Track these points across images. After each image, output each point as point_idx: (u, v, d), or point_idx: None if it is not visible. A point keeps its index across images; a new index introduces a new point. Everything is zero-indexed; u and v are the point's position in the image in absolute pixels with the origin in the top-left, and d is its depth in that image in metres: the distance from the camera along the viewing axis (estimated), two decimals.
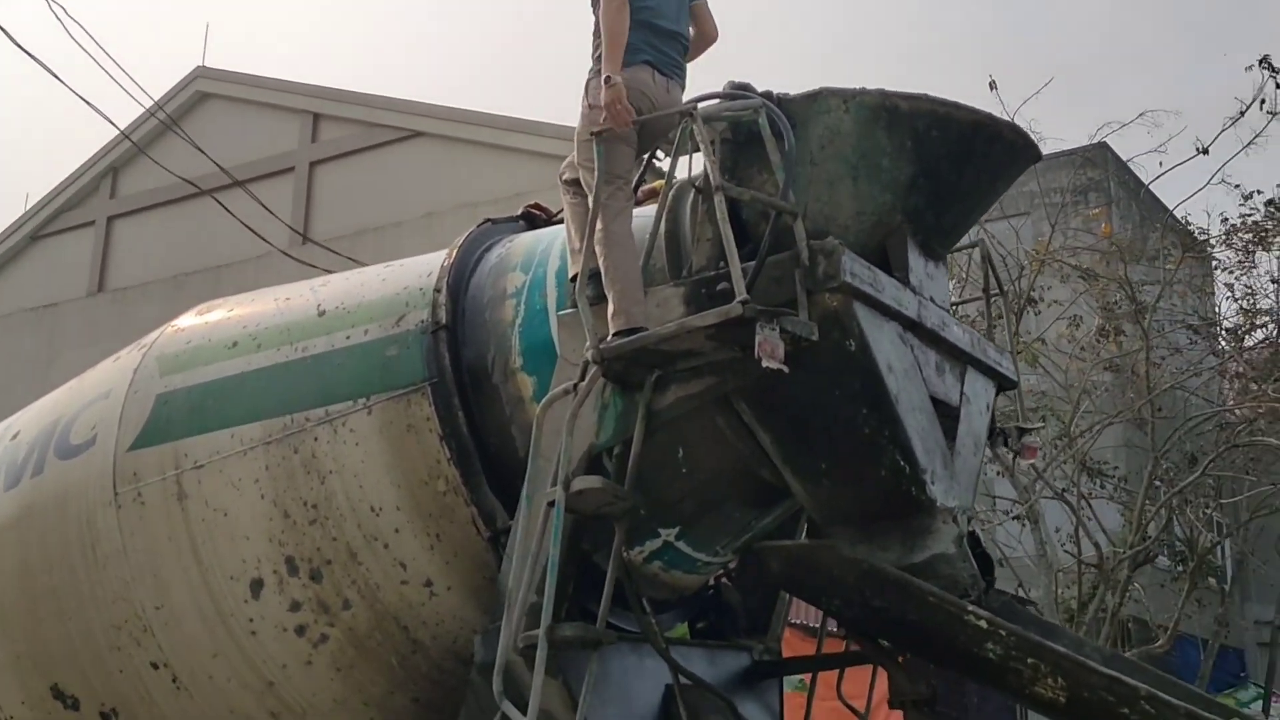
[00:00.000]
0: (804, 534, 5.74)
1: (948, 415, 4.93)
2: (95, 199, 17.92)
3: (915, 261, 4.83)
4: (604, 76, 4.75)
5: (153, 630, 5.37)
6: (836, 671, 5.84)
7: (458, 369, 5.13)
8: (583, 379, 4.54)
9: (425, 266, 5.53)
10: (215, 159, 13.14)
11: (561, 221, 5.28)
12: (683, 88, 5.07)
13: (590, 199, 4.70)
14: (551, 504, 4.47)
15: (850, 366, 4.46)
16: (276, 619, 5.18)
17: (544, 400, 4.64)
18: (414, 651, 5.21)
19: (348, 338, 5.37)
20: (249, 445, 5.32)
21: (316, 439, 5.21)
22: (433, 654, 5.22)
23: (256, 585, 5.21)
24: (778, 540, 5.37)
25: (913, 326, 4.74)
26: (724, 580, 5.99)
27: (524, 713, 4.34)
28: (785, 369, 4.17)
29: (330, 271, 8.03)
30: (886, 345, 4.55)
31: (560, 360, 4.83)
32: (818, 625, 7.02)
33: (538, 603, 4.53)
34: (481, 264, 5.45)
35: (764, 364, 4.13)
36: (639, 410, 4.58)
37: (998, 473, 14.43)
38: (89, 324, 16.83)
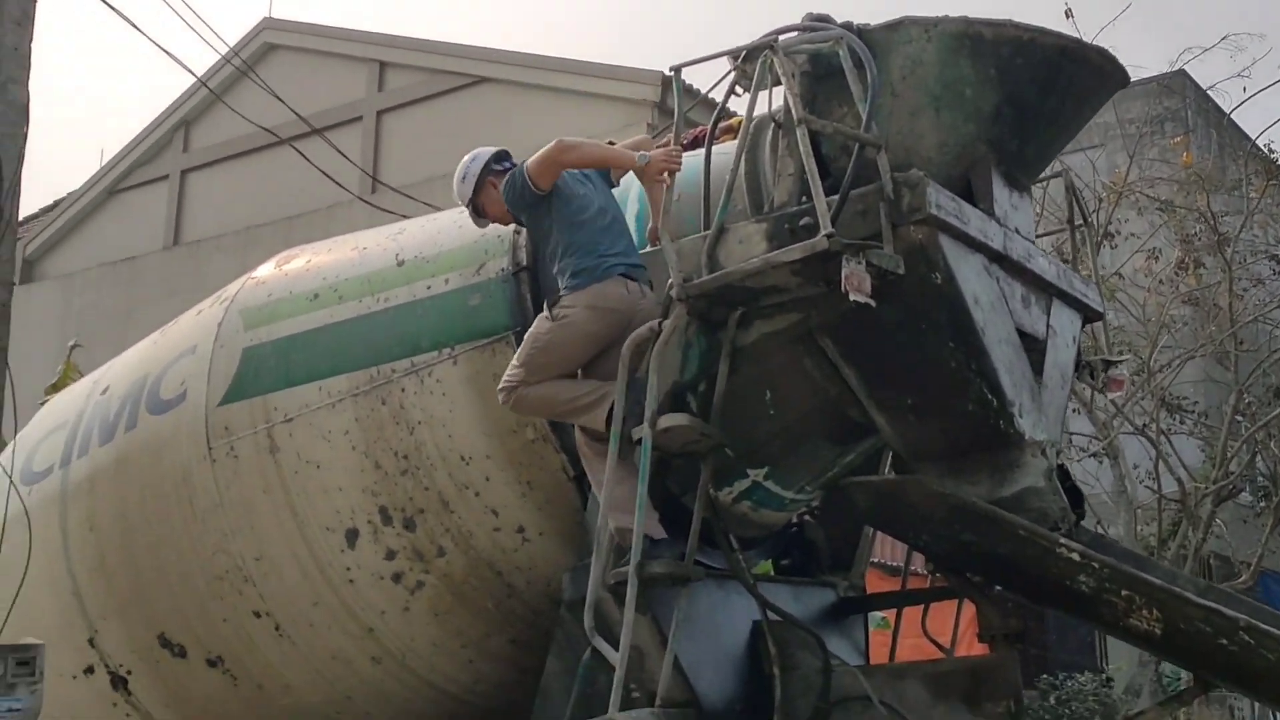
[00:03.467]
0: (888, 469, 5.75)
1: (1034, 348, 4.87)
2: (169, 153, 18.09)
3: (1000, 193, 4.76)
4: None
5: (253, 580, 5.49)
6: (921, 608, 5.86)
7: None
8: (666, 317, 4.54)
9: None
10: (285, 111, 13.17)
11: None
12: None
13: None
14: (638, 441, 4.49)
15: (936, 300, 4.42)
16: (373, 567, 5.27)
17: (629, 339, 4.64)
18: (509, 595, 5.29)
19: (428, 288, 5.41)
20: (337, 398, 5.39)
21: (404, 390, 5.27)
22: (527, 597, 5.29)
23: (352, 535, 5.30)
24: (863, 476, 5.35)
25: (998, 258, 4.68)
26: (806, 517, 5.99)
27: (614, 648, 4.41)
28: (872, 303, 4.14)
29: (404, 216, 8.08)
30: (972, 278, 4.50)
31: None
32: (898, 564, 7.03)
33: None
34: None
35: (851, 298, 4.10)
36: (723, 348, 4.58)
37: (1074, 410, 14.25)
38: (165, 277, 17.05)
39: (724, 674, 4.94)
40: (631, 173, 5.02)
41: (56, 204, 19.33)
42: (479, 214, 5.14)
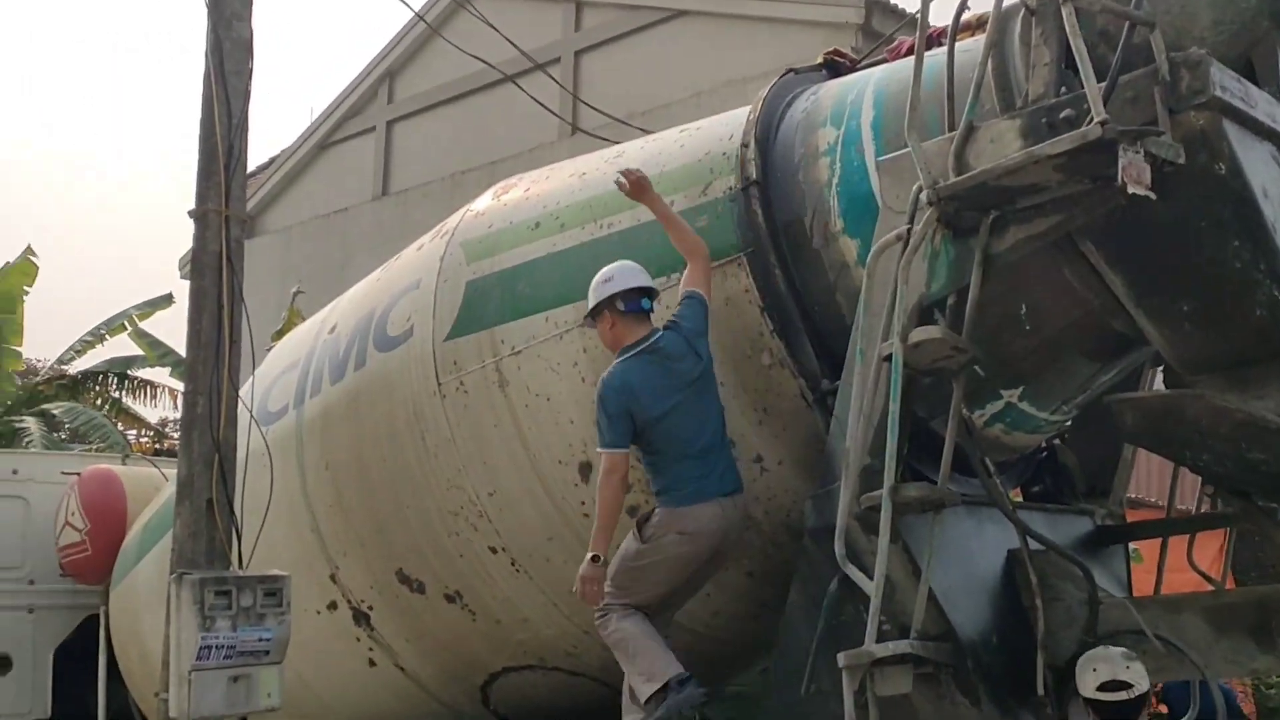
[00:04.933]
0: (1148, 385, 5.34)
1: None
2: (374, 105, 18.43)
3: None
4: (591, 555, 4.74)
5: (488, 515, 5.44)
6: (1186, 538, 5.45)
7: (774, 234, 4.91)
8: (912, 224, 4.23)
9: (725, 128, 5.30)
10: (483, 57, 13.20)
11: (867, 67, 4.95)
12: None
13: None
14: (887, 358, 4.22)
15: (1219, 192, 3.97)
16: None
17: (874, 248, 4.36)
18: (746, 527, 5.10)
19: None
20: (564, 328, 5.27)
21: None
22: (765, 529, 5.10)
23: (585, 469, 5.18)
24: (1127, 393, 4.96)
25: None
26: (1057, 441, 5.62)
27: (867, 576, 4.18)
28: (1152, 196, 3.74)
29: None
30: (1260, 168, 4.03)
31: (883, 210, 4.52)
32: (1138, 497, 6.58)
33: (871, 465, 4.34)
34: (787, 119, 5.18)
35: (1129, 191, 3.71)
36: (975, 255, 4.24)
37: None
38: (375, 226, 17.42)
39: (979, 605, 4.66)
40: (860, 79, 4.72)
41: (271, 162, 19.95)
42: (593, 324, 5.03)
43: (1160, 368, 5.27)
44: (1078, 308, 4.47)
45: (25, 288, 16.59)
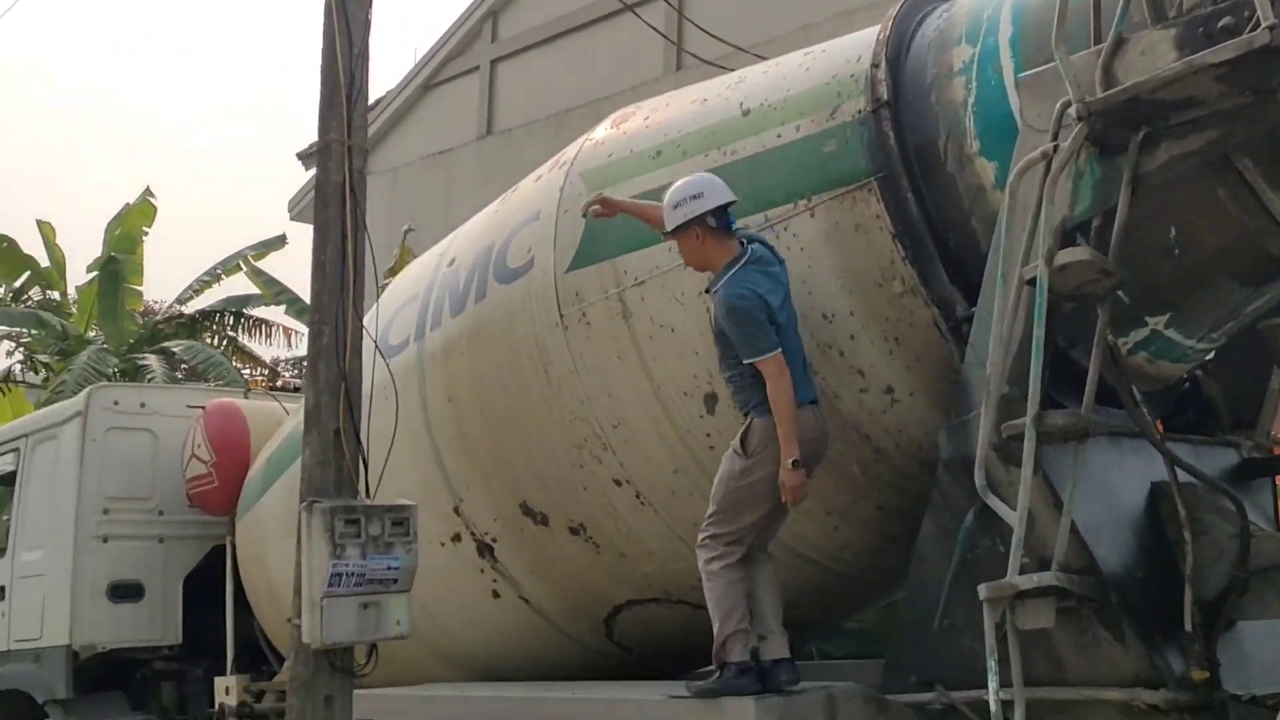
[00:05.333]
0: None
1: None
2: (478, 44, 18.39)
3: None
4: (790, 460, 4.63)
5: (612, 448, 5.41)
6: None
7: (905, 158, 4.75)
8: (1056, 142, 4.05)
9: (853, 49, 5.13)
10: None
11: None
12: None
13: None
14: (1030, 282, 4.06)
15: None
16: (734, 436, 5.06)
17: (1015, 168, 4.18)
18: (876, 460, 5.00)
19: (778, 136, 5.09)
20: None
21: None
22: (896, 461, 5.00)
23: (710, 400, 5.11)
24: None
25: None
26: (1200, 372, 5.41)
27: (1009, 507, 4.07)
28: None
29: None
30: None
31: (1023, 129, 4.33)
32: None
33: (1009, 394, 4.20)
34: (918, 38, 5.00)
35: None
36: (1123, 175, 4.05)
37: None
38: (480, 166, 17.43)
39: (1122, 539, 4.51)
40: None
41: (378, 103, 20.06)
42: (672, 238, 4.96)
43: None
44: (1231, 230, 4.26)
45: (144, 228, 16.98)
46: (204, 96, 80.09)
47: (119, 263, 16.87)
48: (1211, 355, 5.22)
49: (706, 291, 4.94)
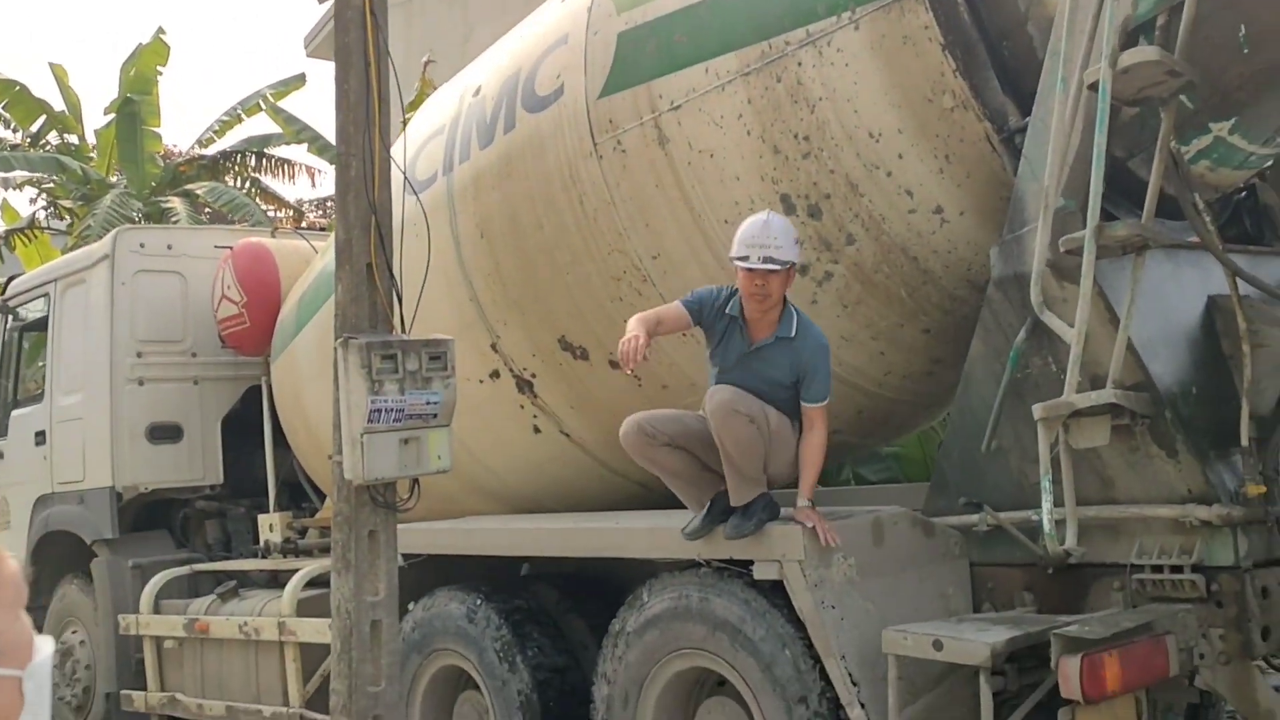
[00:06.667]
0: None
1: None
2: None
3: None
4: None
5: (652, 280, 5.29)
6: None
7: None
8: None
9: None
10: None
11: None
12: None
13: None
14: (1093, 86, 3.87)
15: None
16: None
17: None
18: (924, 282, 4.88)
19: None
20: (726, 79, 4.97)
21: (800, 64, 4.79)
22: (944, 283, 4.87)
23: None
24: None
25: None
26: (1257, 179, 5.22)
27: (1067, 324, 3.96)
28: None
29: None
30: None
31: None
32: None
33: (1065, 207, 4.06)
34: None
35: None
36: None
37: None
38: None
39: (1178, 354, 4.41)
40: None
41: None
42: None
43: None
44: None
45: (159, 68, 16.63)
46: None
47: (136, 104, 16.59)
48: (1271, 162, 5.03)
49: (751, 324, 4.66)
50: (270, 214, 17.78)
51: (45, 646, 1.39)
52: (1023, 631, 4.04)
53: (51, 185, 17.50)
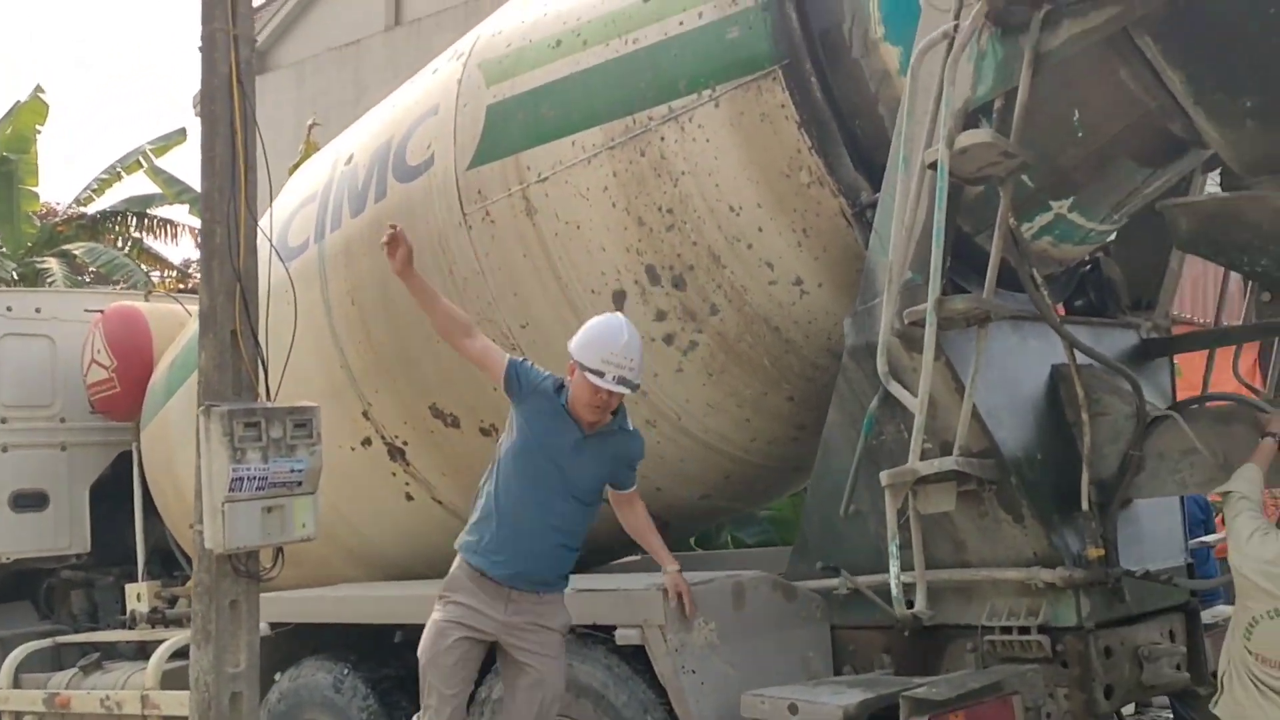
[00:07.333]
0: (1198, 192, 5.13)
1: None
2: None
3: None
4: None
5: (521, 349, 5.32)
6: (1233, 350, 5.32)
7: (810, 44, 4.67)
8: (958, 21, 4.00)
9: None
10: None
11: None
12: None
13: None
14: (932, 166, 4.03)
15: None
16: (643, 329, 4.98)
17: (918, 48, 4.13)
18: (786, 351, 4.99)
19: (680, 24, 4.96)
20: (592, 152, 5.07)
21: (663, 139, 4.91)
22: (806, 352, 4.99)
23: (619, 297, 5.05)
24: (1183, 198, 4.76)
25: None
26: (1100, 254, 5.45)
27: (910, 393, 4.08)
28: None
29: None
30: None
31: (925, 9, 4.26)
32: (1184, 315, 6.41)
33: (912, 280, 4.20)
34: None
35: None
36: (1024, 54, 4.01)
37: None
38: (390, 57, 17.00)
39: (1022, 422, 4.57)
40: None
41: None
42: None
43: (1212, 173, 5.08)
44: (1133, 110, 4.26)
45: (37, 127, 16.36)
46: None
47: (12, 163, 16.28)
48: (1112, 237, 5.27)
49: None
50: (153, 275, 17.51)
51: None
52: (875, 694, 4.12)
53: None
